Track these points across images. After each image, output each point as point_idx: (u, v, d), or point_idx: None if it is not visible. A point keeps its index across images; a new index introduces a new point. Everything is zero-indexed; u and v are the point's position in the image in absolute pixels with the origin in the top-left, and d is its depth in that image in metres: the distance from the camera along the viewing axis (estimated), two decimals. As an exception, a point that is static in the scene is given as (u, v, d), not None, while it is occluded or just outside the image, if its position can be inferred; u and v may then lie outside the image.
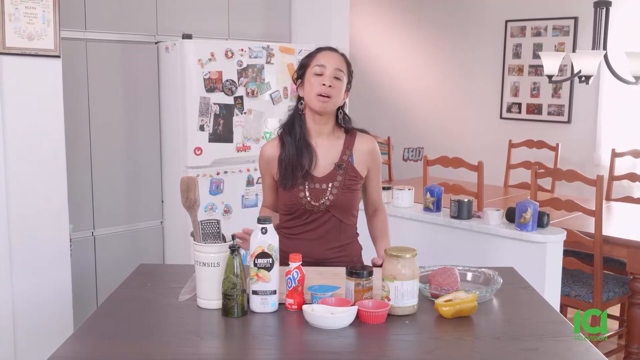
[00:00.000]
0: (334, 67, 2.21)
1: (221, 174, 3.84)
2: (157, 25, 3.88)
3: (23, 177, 2.93)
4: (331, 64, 2.21)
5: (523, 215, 2.94)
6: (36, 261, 3.00)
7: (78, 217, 3.59)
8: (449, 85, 6.33)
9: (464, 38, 6.14)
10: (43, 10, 2.79)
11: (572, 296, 3.44)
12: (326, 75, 2.20)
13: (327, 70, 2.20)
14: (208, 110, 3.73)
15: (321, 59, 2.23)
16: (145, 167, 3.91)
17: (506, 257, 2.93)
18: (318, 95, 2.19)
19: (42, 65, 2.90)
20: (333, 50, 2.27)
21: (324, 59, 2.23)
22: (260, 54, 3.91)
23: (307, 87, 2.23)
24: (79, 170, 3.61)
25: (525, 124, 5.71)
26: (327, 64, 2.21)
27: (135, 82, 3.82)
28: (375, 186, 2.39)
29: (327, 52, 2.25)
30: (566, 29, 5.42)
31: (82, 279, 3.60)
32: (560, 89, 5.48)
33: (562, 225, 3.42)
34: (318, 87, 2.19)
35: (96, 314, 1.88)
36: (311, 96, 2.21)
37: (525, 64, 5.71)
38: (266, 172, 2.34)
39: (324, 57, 2.23)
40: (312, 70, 2.22)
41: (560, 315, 1.83)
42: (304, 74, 2.26)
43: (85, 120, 3.64)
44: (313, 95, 2.20)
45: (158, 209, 3.97)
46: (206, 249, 1.87)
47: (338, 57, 2.26)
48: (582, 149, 5.33)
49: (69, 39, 3.44)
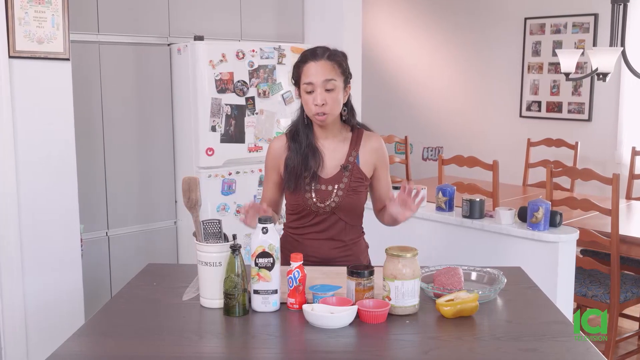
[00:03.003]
0: (322, 80, 2.10)
1: (233, 175, 3.86)
2: (170, 27, 3.91)
3: (34, 178, 2.96)
4: (319, 78, 2.10)
5: (535, 214, 2.90)
6: (47, 262, 3.03)
7: (92, 217, 3.63)
8: (468, 84, 6.28)
9: (483, 36, 6.08)
10: (52, 14, 2.83)
11: (589, 296, 3.38)
12: (317, 94, 2.11)
13: (317, 87, 2.11)
14: (220, 111, 3.74)
15: (308, 75, 2.12)
16: (159, 168, 3.94)
17: (518, 257, 2.89)
18: (315, 115, 2.14)
19: (52, 68, 2.94)
20: (320, 56, 2.13)
21: (311, 74, 2.11)
22: (272, 54, 3.91)
23: (303, 102, 2.18)
24: (93, 171, 3.65)
25: (545, 122, 5.64)
26: (315, 80, 2.11)
27: (148, 83, 3.85)
28: (384, 185, 2.31)
29: (312, 63, 2.12)
30: (586, 25, 5.33)
31: (96, 279, 3.64)
32: (580, 86, 5.39)
33: (579, 224, 3.37)
34: (312, 107, 2.13)
35: (100, 313, 1.89)
36: (309, 114, 2.17)
37: (545, 62, 5.63)
38: (273, 168, 2.29)
39: (310, 72, 2.12)
40: (303, 87, 2.14)
41: (564, 315, 1.79)
42: (299, 85, 2.18)
43: (99, 122, 3.68)
44: (310, 114, 2.16)
45: (172, 209, 3.99)
46: (208, 248, 1.87)
47: (324, 65, 2.12)
48: (602, 147, 5.25)
49: (82, 42, 3.49)
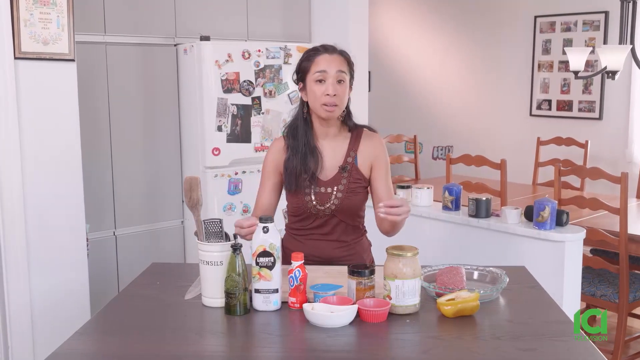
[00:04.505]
0: (335, 70, 2.10)
1: (239, 174, 3.86)
2: (176, 28, 3.92)
3: (39, 179, 2.98)
4: (332, 68, 2.10)
5: (541, 213, 2.87)
6: (53, 262, 3.04)
7: (99, 217, 3.65)
8: (478, 83, 6.25)
9: (493, 35, 6.05)
10: (57, 15, 2.84)
11: (598, 296, 3.35)
12: (329, 83, 2.10)
13: (329, 76, 2.10)
14: (226, 111, 3.75)
15: (321, 64, 2.11)
16: (166, 168, 3.95)
17: (524, 256, 2.87)
18: (323, 105, 2.11)
19: (57, 69, 2.95)
20: (332, 50, 2.15)
21: (324, 63, 2.11)
22: (278, 54, 3.91)
23: (310, 94, 2.15)
24: (100, 171, 3.67)
25: (556, 121, 5.60)
26: (328, 69, 2.10)
27: (155, 84, 3.87)
28: (382, 186, 2.24)
29: (326, 55, 2.13)
30: (596, 23, 5.29)
31: (104, 278, 3.66)
32: (591, 85, 5.35)
33: (589, 223, 3.34)
34: (322, 97, 2.11)
35: (103, 311, 1.90)
36: (316, 105, 2.13)
37: (555, 60, 5.59)
38: (272, 170, 2.27)
39: (324, 62, 2.11)
40: (313, 77, 2.12)
41: (566, 315, 1.78)
42: (305, 78, 2.16)
43: (106, 122, 3.70)
44: (318, 105, 2.13)
45: (179, 209, 4.00)
46: (209, 247, 1.88)
47: (338, 57, 2.14)
48: (613, 145, 5.21)
49: (88, 43, 3.51)
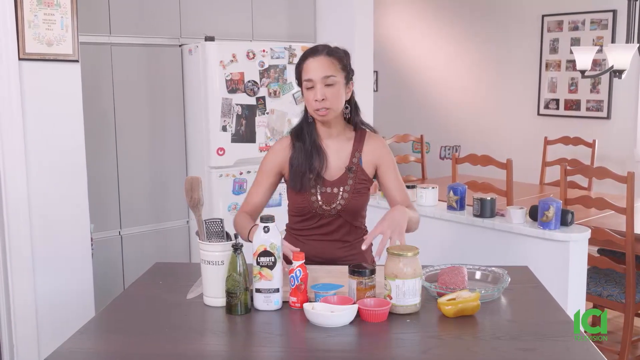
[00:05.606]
0: (321, 77, 2.11)
1: (244, 174, 3.87)
2: (181, 29, 3.93)
3: (44, 179, 2.99)
4: (318, 74, 2.11)
5: (545, 213, 2.86)
6: (58, 261, 3.06)
7: (105, 217, 3.67)
8: (486, 82, 6.23)
9: (500, 34, 6.03)
10: (61, 16, 2.86)
11: (604, 296, 3.33)
12: (316, 89, 2.12)
13: (316, 84, 2.12)
14: (230, 111, 3.76)
15: (308, 72, 2.13)
16: (171, 168, 3.96)
17: (529, 256, 2.86)
18: (315, 111, 2.14)
19: (61, 69, 2.97)
20: (317, 54, 2.14)
21: (310, 71, 2.13)
22: (282, 54, 3.91)
23: (304, 100, 2.19)
24: (105, 171, 3.68)
25: (564, 120, 5.57)
26: (314, 76, 2.12)
27: (160, 84, 3.88)
28: (393, 185, 2.25)
29: (311, 60, 2.14)
30: (604, 22, 5.26)
31: (109, 278, 3.67)
32: (599, 84, 5.31)
33: (596, 223, 3.32)
34: (312, 103, 2.14)
35: (105, 310, 1.91)
36: (310, 111, 2.17)
37: (563, 59, 5.56)
38: (271, 169, 2.27)
39: (310, 69, 2.13)
40: (303, 85, 2.16)
41: (567, 315, 1.77)
42: (300, 84, 2.20)
43: (111, 122, 3.71)
44: (311, 110, 2.16)
45: (184, 209, 4.01)
46: (210, 247, 1.88)
47: (323, 60, 2.13)
48: (622, 145, 5.17)
49: (94, 44, 3.53)
